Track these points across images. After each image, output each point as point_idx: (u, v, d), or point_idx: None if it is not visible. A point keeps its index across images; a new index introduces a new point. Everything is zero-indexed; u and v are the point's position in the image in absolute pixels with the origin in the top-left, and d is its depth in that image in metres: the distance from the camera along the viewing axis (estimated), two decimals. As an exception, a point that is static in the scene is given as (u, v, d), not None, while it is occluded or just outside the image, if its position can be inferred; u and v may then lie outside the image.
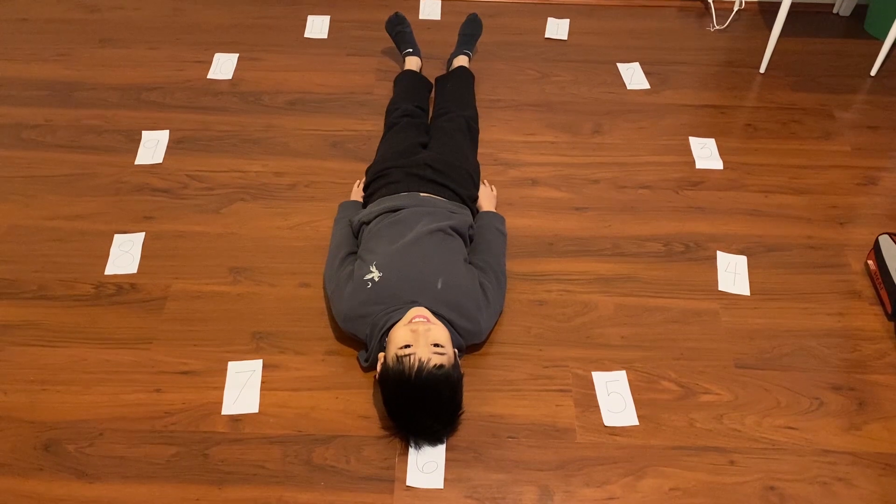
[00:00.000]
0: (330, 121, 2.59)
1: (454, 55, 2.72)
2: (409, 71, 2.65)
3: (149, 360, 1.91)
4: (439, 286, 1.82)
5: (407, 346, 1.69)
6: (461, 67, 2.65)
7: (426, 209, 1.99)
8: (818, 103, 2.74)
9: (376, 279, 1.82)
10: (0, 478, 1.68)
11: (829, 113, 2.70)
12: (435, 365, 1.65)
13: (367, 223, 1.99)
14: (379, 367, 1.74)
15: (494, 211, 2.20)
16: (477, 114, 2.50)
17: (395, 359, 1.68)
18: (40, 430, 1.77)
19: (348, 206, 2.18)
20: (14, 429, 1.77)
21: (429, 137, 2.38)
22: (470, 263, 1.96)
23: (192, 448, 1.74)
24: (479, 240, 2.06)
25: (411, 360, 1.65)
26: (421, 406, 1.67)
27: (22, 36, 2.91)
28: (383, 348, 1.77)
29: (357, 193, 2.24)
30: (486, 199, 2.23)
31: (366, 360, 1.84)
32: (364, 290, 1.82)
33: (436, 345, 1.70)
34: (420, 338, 1.70)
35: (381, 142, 2.39)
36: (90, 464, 1.71)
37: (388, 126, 2.43)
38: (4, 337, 1.94)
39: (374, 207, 2.02)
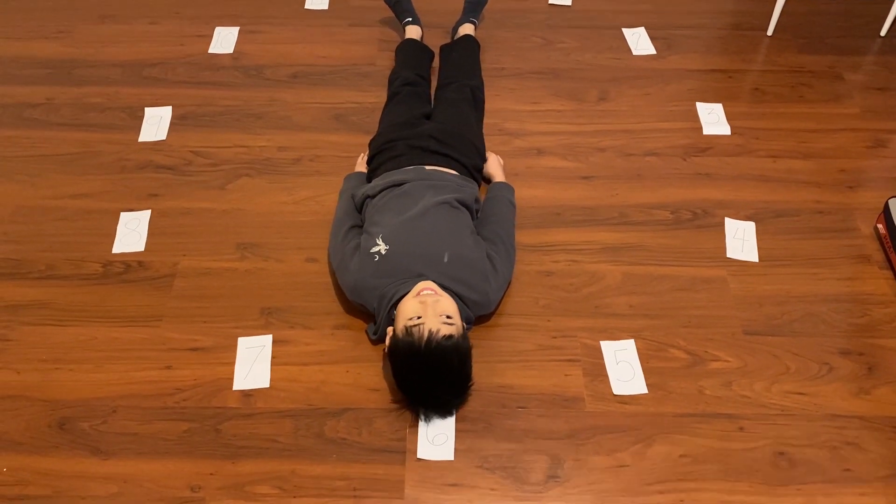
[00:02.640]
0: (333, 93, 2.57)
1: (459, 23, 2.68)
2: (411, 39, 2.62)
3: (159, 337, 1.92)
4: (446, 259, 1.82)
5: (416, 318, 1.69)
6: (467, 36, 2.61)
7: (431, 182, 1.98)
8: (827, 65, 2.70)
9: (383, 252, 1.82)
10: (16, 455, 1.71)
11: (838, 75, 2.66)
12: (444, 335, 1.66)
13: (373, 197, 1.99)
14: (388, 341, 1.75)
15: (505, 181, 2.19)
16: (483, 83, 2.47)
17: (404, 330, 1.68)
18: (54, 408, 1.78)
19: (352, 178, 2.17)
20: (28, 407, 1.79)
21: (431, 107, 2.36)
22: (479, 234, 1.95)
23: (205, 423, 1.76)
24: (489, 211, 2.05)
25: (420, 331, 1.66)
26: (431, 376, 1.67)
27: (21, 14, 2.89)
28: (391, 321, 1.78)
29: (361, 165, 2.23)
30: (495, 166, 2.22)
31: (374, 333, 1.85)
32: (371, 263, 1.82)
33: (445, 316, 1.71)
34: (429, 309, 1.70)
35: (383, 112, 2.38)
36: (104, 441, 1.73)
37: (390, 96, 2.41)
38: (15, 317, 1.95)
39: (378, 181, 2.01)
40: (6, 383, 1.82)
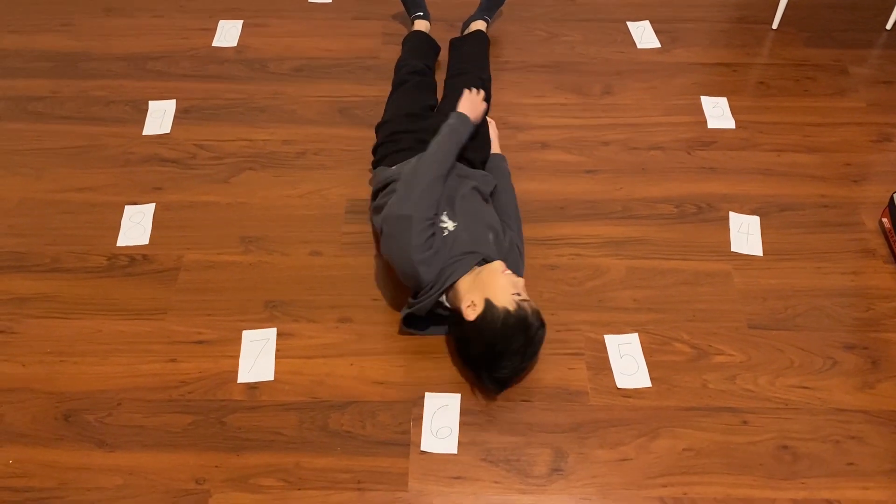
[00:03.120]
0: (337, 87, 2.57)
1: (472, 19, 2.67)
2: (419, 31, 2.61)
3: (163, 330, 1.92)
4: (490, 239, 1.86)
5: (516, 294, 1.72)
6: (478, 31, 2.61)
7: (455, 170, 1.98)
8: (832, 59, 2.69)
9: (451, 228, 1.83)
10: (23, 447, 1.71)
11: (843, 68, 2.65)
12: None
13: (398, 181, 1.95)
14: (477, 312, 1.71)
15: (500, 153, 2.20)
16: (491, 78, 2.47)
17: (514, 304, 1.70)
18: (59, 400, 1.79)
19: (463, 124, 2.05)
20: (34, 400, 1.79)
21: (436, 100, 2.35)
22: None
23: (209, 416, 1.77)
24: (499, 200, 2.06)
25: (531, 306, 1.72)
26: (534, 349, 1.76)
27: (25, 6, 2.89)
28: (445, 296, 1.79)
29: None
30: (493, 135, 2.21)
31: (412, 307, 1.81)
32: (440, 239, 1.82)
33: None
34: (521, 287, 1.75)
35: (389, 99, 2.36)
36: (109, 433, 1.74)
37: (398, 83, 2.40)
38: (20, 310, 1.96)
39: (405, 167, 1.98)
40: (12, 376, 1.83)
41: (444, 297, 1.81)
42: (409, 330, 1.87)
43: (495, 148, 2.20)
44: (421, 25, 2.65)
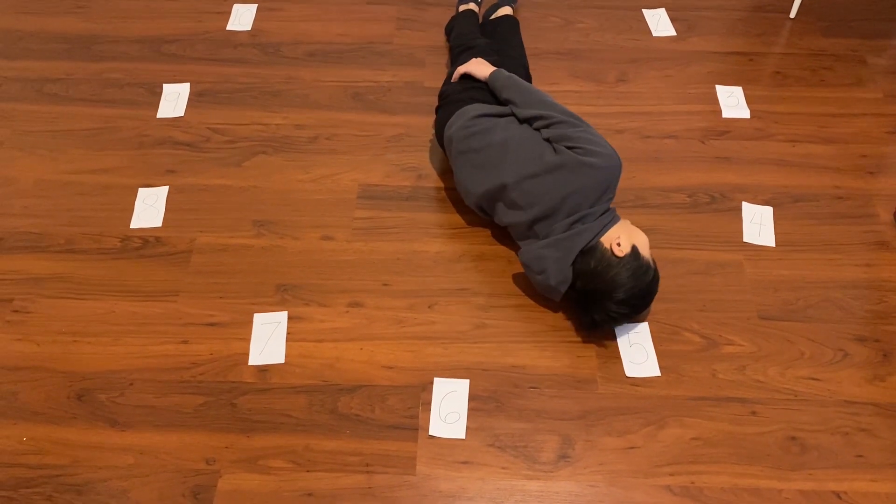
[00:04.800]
0: (350, 72, 2.57)
1: (498, 6, 2.67)
2: (471, 11, 2.62)
3: (176, 312, 1.94)
4: None
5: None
6: (508, 16, 2.61)
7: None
8: (850, 49, 2.66)
9: None
10: (36, 426, 1.74)
11: (861, 59, 2.62)
12: None
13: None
14: (624, 252, 1.77)
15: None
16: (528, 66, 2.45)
17: (652, 258, 1.84)
18: (73, 380, 1.81)
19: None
20: (48, 379, 1.81)
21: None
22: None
23: (220, 397, 1.78)
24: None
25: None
26: (646, 298, 1.84)
27: (41, -12, 2.90)
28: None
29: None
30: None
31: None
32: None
33: None
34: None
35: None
36: (122, 412, 1.76)
37: (468, 47, 2.37)
38: (35, 290, 1.98)
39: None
40: (27, 354, 1.85)
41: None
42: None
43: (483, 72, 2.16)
44: (473, 7, 2.66)
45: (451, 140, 2.03)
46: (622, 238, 1.80)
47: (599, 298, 1.79)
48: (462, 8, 2.67)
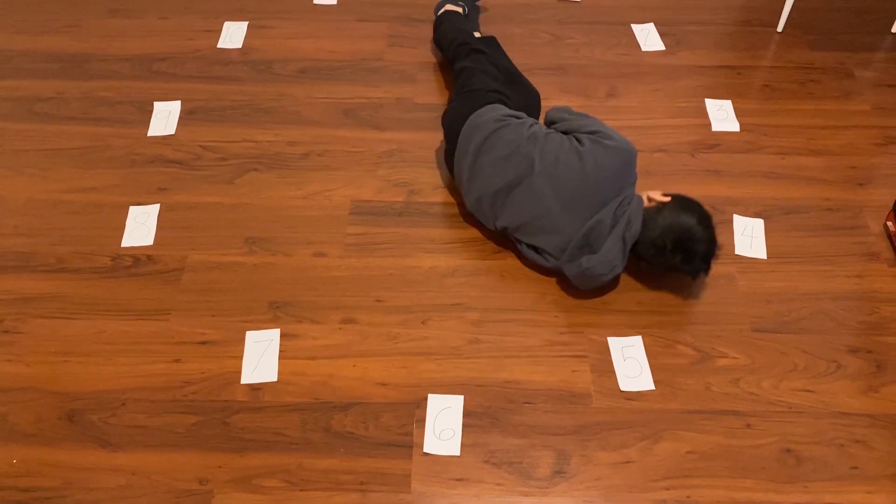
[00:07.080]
0: (341, 88, 2.57)
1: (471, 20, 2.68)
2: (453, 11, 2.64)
3: (167, 330, 1.93)
4: None
5: None
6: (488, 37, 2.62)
7: None
8: (837, 62, 2.69)
9: None
10: (27, 447, 1.72)
11: (848, 72, 2.65)
12: None
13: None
14: (666, 195, 1.97)
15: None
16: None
17: None
18: (63, 400, 1.80)
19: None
20: (38, 399, 1.80)
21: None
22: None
23: (213, 417, 1.77)
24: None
25: None
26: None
27: (31, 8, 2.90)
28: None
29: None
30: None
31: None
32: None
33: None
34: None
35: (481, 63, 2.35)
36: (113, 433, 1.74)
37: (472, 50, 2.39)
38: (25, 309, 1.97)
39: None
40: (17, 375, 1.84)
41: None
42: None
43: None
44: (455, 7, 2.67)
45: (477, 128, 2.04)
46: (650, 193, 1.99)
47: (686, 241, 1.88)
48: (442, 11, 2.65)
